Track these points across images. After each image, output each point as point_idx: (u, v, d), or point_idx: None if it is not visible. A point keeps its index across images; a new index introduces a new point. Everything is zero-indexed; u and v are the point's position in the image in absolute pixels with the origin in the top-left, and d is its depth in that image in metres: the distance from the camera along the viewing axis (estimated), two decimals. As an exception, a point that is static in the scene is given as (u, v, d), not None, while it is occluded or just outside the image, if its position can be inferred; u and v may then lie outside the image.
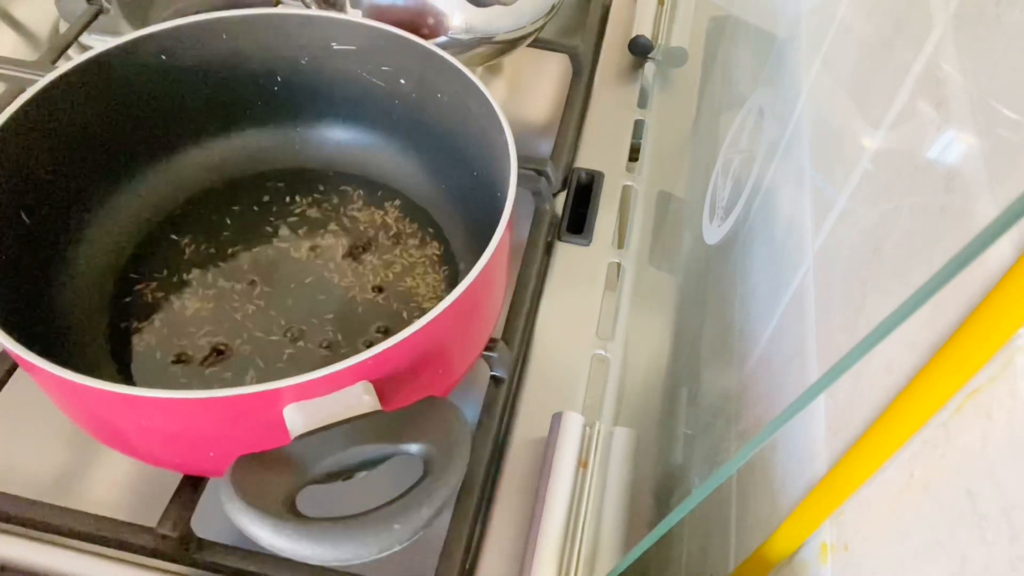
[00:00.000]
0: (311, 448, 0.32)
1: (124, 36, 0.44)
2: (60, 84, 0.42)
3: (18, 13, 0.69)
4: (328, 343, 0.44)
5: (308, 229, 0.49)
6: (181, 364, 0.43)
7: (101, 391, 0.31)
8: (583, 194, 0.56)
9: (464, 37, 0.53)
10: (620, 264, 0.53)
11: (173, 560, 0.38)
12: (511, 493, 0.42)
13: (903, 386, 0.23)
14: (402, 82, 0.49)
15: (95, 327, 0.44)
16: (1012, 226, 0.17)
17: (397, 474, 0.35)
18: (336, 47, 0.48)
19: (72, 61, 0.43)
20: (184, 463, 0.38)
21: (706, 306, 0.51)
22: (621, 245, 0.55)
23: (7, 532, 0.38)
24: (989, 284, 0.20)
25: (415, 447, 0.33)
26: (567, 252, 0.53)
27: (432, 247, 0.49)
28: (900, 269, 0.26)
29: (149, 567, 0.38)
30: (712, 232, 0.52)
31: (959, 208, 0.23)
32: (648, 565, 0.45)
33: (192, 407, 0.32)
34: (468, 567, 0.40)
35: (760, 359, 0.38)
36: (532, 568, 0.37)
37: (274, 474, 0.31)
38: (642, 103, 0.64)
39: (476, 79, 0.44)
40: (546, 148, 0.56)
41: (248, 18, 0.47)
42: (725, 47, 0.65)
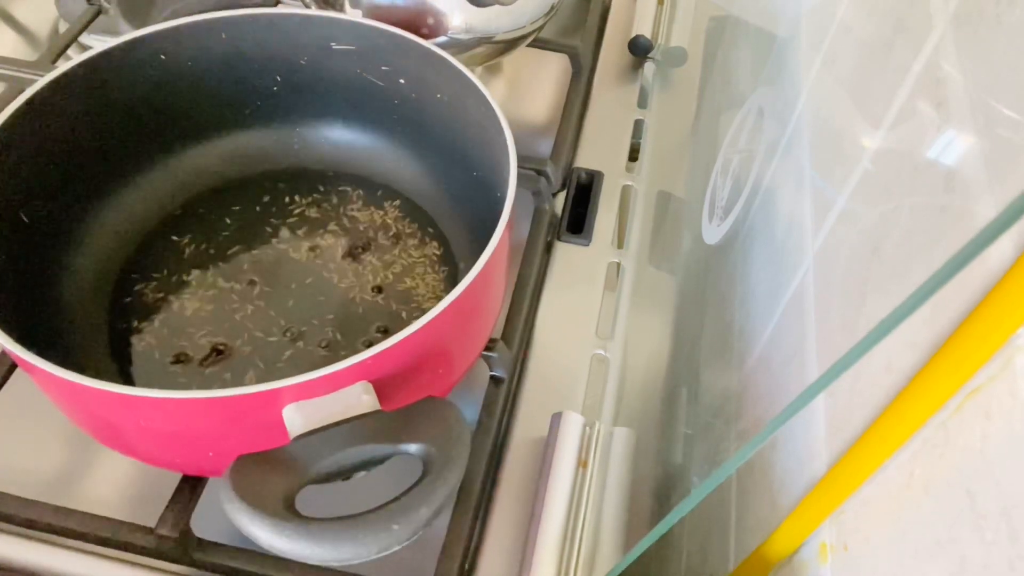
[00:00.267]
0: (311, 448, 0.32)
1: (124, 36, 0.44)
2: (60, 84, 0.42)
3: (18, 13, 0.69)
4: (328, 343, 0.44)
5: (308, 229, 0.49)
6: (181, 364, 0.43)
7: (101, 391, 0.31)
8: (583, 194, 0.56)
9: (464, 37, 0.53)
10: (620, 264, 0.53)
11: (172, 560, 0.38)
12: (511, 493, 0.42)
13: (903, 386, 0.23)
14: (402, 82, 0.49)
15: (95, 327, 0.44)
16: (1012, 225, 0.17)
17: (397, 474, 0.35)
18: (336, 47, 0.48)
19: (72, 61, 0.43)
20: (184, 463, 0.38)
21: (706, 306, 0.51)
22: (621, 245, 0.55)
23: (7, 532, 0.38)
24: (989, 284, 0.20)
25: (414, 447, 0.33)
26: (567, 252, 0.53)
27: (432, 247, 0.49)
28: (900, 269, 0.26)
29: (148, 567, 0.38)
30: (712, 232, 0.52)
31: (959, 208, 0.23)
32: (648, 565, 0.45)
33: (192, 407, 0.32)
34: (468, 567, 0.40)
35: (760, 359, 0.38)
36: (532, 568, 0.37)
37: (274, 474, 0.31)
38: (642, 103, 0.64)
39: (476, 79, 0.44)
40: (546, 148, 0.56)
41: (248, 18, 0.47)
42: (725, 47, 0.65)
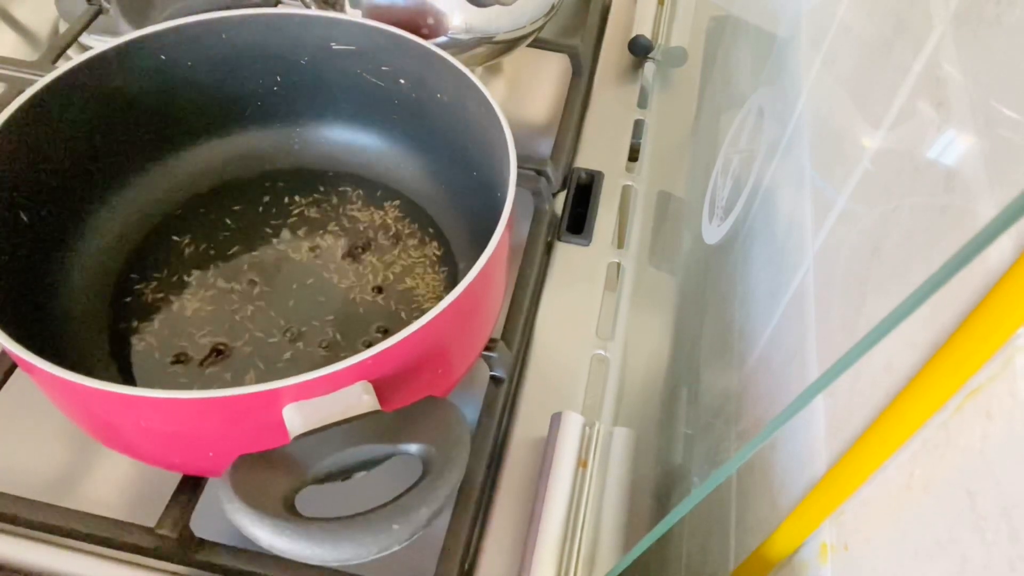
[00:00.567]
0: (310, 448, 0.32)
1: (124, 36, 0.44)
2: (60, 84, 0.42)
3: (18, 13, 0.69)
4: (328, 343, 0.44)
5: (308, 229, 0.49)
6: (181, 364, 0.43)
7: (101, 391, 0.31)
8: (583, 194, 0.56)
9: (464, 37, 0.53)
10: (620, 264, 0.53)
11: (172, 560, 0.38)
12: (511, 493, 0.42)
13: (903, 386, 0.23)
14: (402, 82, 0.49)
15: (95, 327, 0.44)
16: (1012, 225, 0.17)
17: (397, 474, 0.35)
18: (336, 47, 0.48)
19: (72, 61, 0.43)
20: (183, 463, 0.38)
21: (706, 306, 0.51)
22: (621, 245, 0.55)
23: (7, 532, 0.38)
24: (989, 283, 0.20)
25: (414, 447, 0.33)
26: (567, 252, 0.53)
27: (432, 247, 0.49)
28: (900, 269, 0.26)
29: (148, 567, 0.38)
30: (712, 232, 0.52)
31: (959, 208, 0.23)
32: (648, 565, 0.45)
33: (192, 407, 0.32)
34: (468, 567, 0.40)
35: (760, 359, 0.38)
36: (532, 568, 0.37)
37: (273, 474, 0.31)
38: (642, 103, 0.64)
39: (476, 79, 0.44)
40: (546, 148, 0.56)
41: (248, 18, 0.47)
42: (725, 47, 0.65)
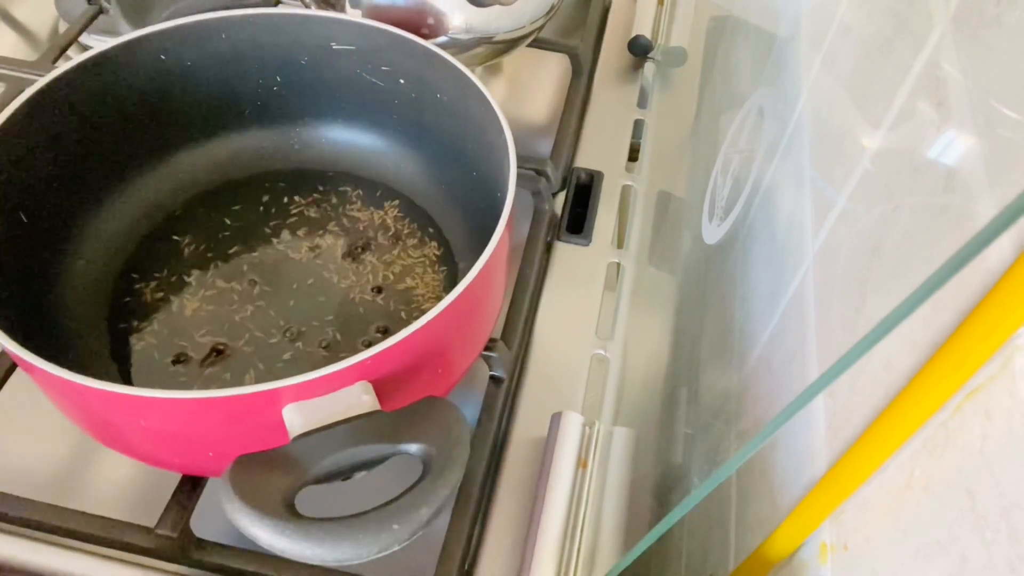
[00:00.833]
0: (310, 448, 0.32)
1: (124, 36, 0.44)
2: (60, 84, 0.42)
3: (18, 13, 0.69)
4: (327, 343, 0.44)
5: (308, 229, 0.49)
6: (181, 364, 0.43)
7: (101, 391, 0.31)
8: (583, 194, 0.56)
9: (464, 37, 0.53)
10: (620, 264, 0.53)
11: (172, 560, 0.38)
12: (511, 493, 0.42)
13: (903, 385, 0.23)
14: (402, 82, 0.49)
15: (95, 327, 0.44)
16: (1012, 225, 0.17)
17: (397, 474, 0.35)
18: (336, 47, 0.48)
19: (72, 61, 0.43)
20: (183, 463, 0.38)
21: (706, 306, 0.51)
22: (621, 245, 0.55)
23: (7, 532, 0.38)
24: (989, 284, 0.20)
25: (414, 447, 0.33)
26: (567, 252, 0.53)
27: (431, 247, 0.49)
28: (900, 269, 0.26)
29: (148, 567, 0.38)
30: (712, 232, 0.52)
31: (959, 208, 0.23)
32: (648, 565, 0.45)
33: (192, 407, 0.32)
34: (468, 567, 0.40)
35: (760, 359, 0.38)
36: (532, 568, 0.37)
37: (273, 474, 0.31)
38: (642, 103, 0.64)
39: (476, 79, 0.44)
40: (546, 148, 0.56)
41: (248, 18, 0.47)
42: (725, 47, 0.65)
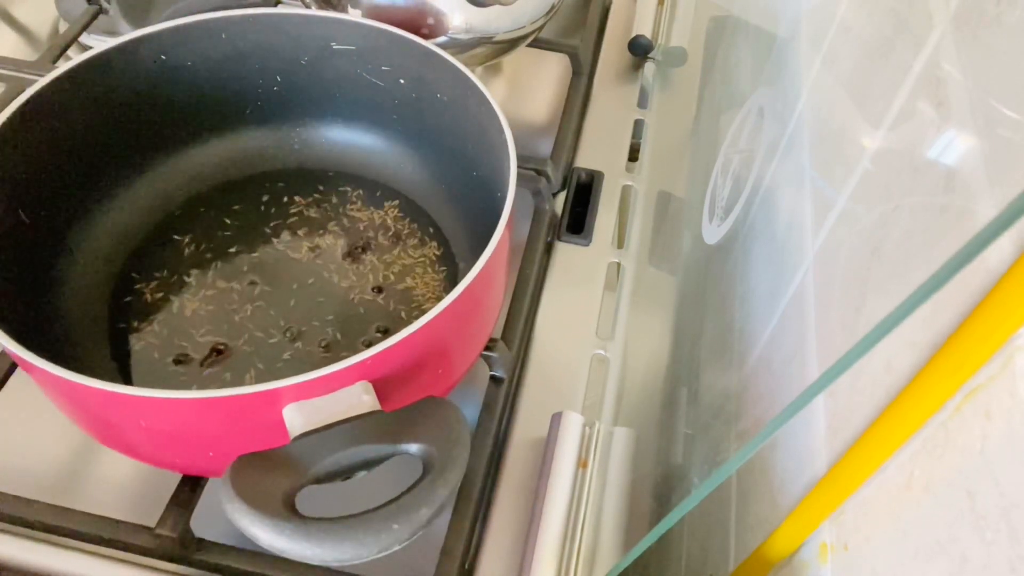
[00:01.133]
0: (311, 448, 0.32)
1: (124, 36, 0.45)
2: (60, 84, 0.42)
3: (18, 13, 0.69)
4: (328, 343, 0.44)
5: (308, 229, 0.49)
6: (181, 364, 0.43)
7: (101, 391, 0.31)
8: (583, 194, 0.56)
9: (464, 37, 0.53)
10: (620, 264, 0.53)
11: (172, 560, 0.38)
12: (511, 493, 0.42)
13: (903, 386, 0.23)
14: (402, 82, 0.49)
15: (95, 327, 0.44)
16: (1012, 225, 0.17)
17: (397, 474, 0.35)
18: (336, 47, 0.48)
19: (72, 61, 0.43)
20: (184, 463, 0.38)
21: (706, 306, 0.51)
22: (621, 245, 0.55)
23: (7, 532, 0.38)
24: (989, 284, 0.20)
25: (415, 447, 0.33)
26: (567, 252, 0.53)
27: (431, 247, 0.49)
28: (900, 269, 0.26)
29: (148, 567, 0.38)
30: (712, 232, 0.52)
31: (959, 208, 0.23)
32: (648, 565, 0.45)
33: (192, 407, 0.32)
34: (468, 567, 0.40)
35: (760, 359, 0.38)
36: (532, 568, 0.37)
37: (274, 474, 0.31)
38: (642, 103, 0.64)
39: (476, 79, 0.44)
40: (546, 148, 0.56)
41: (248, 18, 0.47)
42: (725, 47, 0.65)
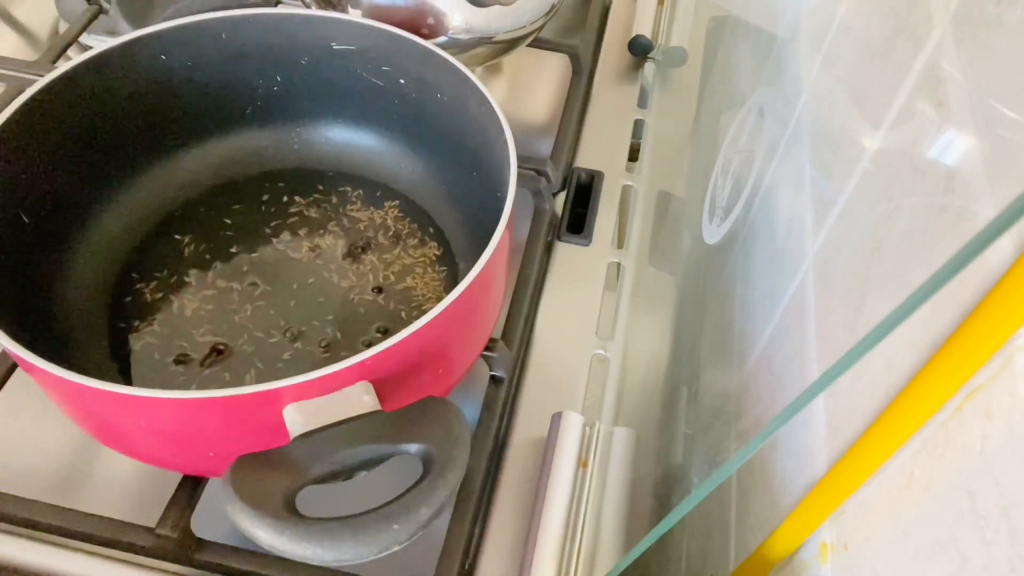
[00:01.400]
0: (311, 448, 0.32)
1: (124, 36, 0.44)
2: (60, 84, 0.42)
3: (18, 13, 0.69)
4: (328, 343, 0.44)
5: (308, 229, 0.49)
6: (181, 364, 0.43)
7: (101, 391, 0.31)
8: (583, 194, 0.56)
9: (464, 37, 0.53)
10: (620, 264, 0.53)
11: (172, 560, 0.38)
12: (511, 493, 0.42)
13: (903, 386, 0.23)
14: (402, 82, 0.49)
15: (95, 327, 0.44)
16: (1012, 225, 0.17)
17: (397, 474, 0.35)
18: (336, 47, 0.48)
19: (72, 61, 0.43)
20: (184, 463, 0.38)
21: (706, 306, 0.51)
22: (621, 245, 0.55)
23: (7, 532, 0.38)
24: (989, 284, 0.20)
25: (415, 447, 0.33)
26: (567, 252, 0.53)
27: (431, 247, 0.49)
28: (900, 269, 0.26)
29: (148, 567, 0.38)
30: (712, 232, 0.52)
31: (959, 208, 0.23)
32: (648, 565, 0.45)
33: (192, 407, 0.32)
34: (468, 567, 0.40)
35: (760, 359, 0.38)
36: (532, 568, 0.37)
37: (274, 474, 0.31)
38: (642, 103, 0.64)
39: (476, 79, 0.44)
40: (546, 148, 0.56)
41: (248, 18, 0.47)
42: (725, 47, 0.65)
